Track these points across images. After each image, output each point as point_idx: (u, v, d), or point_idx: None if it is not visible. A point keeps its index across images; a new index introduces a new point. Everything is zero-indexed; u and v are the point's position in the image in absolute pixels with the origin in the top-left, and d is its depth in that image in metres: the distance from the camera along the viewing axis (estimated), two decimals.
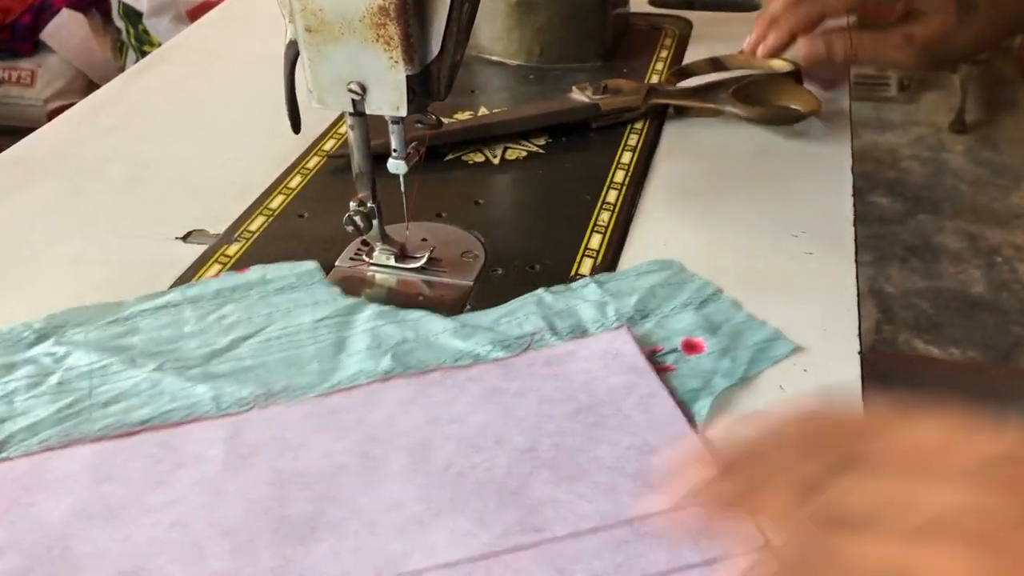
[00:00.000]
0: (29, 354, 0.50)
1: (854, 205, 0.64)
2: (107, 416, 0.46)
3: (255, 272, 0.56)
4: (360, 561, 0.37)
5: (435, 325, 0.51)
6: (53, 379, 0.48)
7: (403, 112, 0.51)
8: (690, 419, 0.44)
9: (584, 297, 0.53)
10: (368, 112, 0.52)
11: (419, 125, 0.54)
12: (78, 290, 0.55)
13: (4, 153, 0.71)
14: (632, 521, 0.38)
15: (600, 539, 0.38)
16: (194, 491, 0.41)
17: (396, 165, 0.53)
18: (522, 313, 0.52)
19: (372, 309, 0.52)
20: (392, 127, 0.53)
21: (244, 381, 0.48)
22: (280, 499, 0.40)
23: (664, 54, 0.85)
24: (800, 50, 0.69)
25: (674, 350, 0.49)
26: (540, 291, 0.53)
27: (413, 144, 0.54)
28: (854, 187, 0.66)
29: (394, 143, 0.53)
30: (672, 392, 0.46)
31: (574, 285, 0.54)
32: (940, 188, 1.91)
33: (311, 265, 0.56)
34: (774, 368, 0.49)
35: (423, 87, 0.51)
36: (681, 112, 0.73)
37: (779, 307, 0.52)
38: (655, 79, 0.80)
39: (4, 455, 0.44)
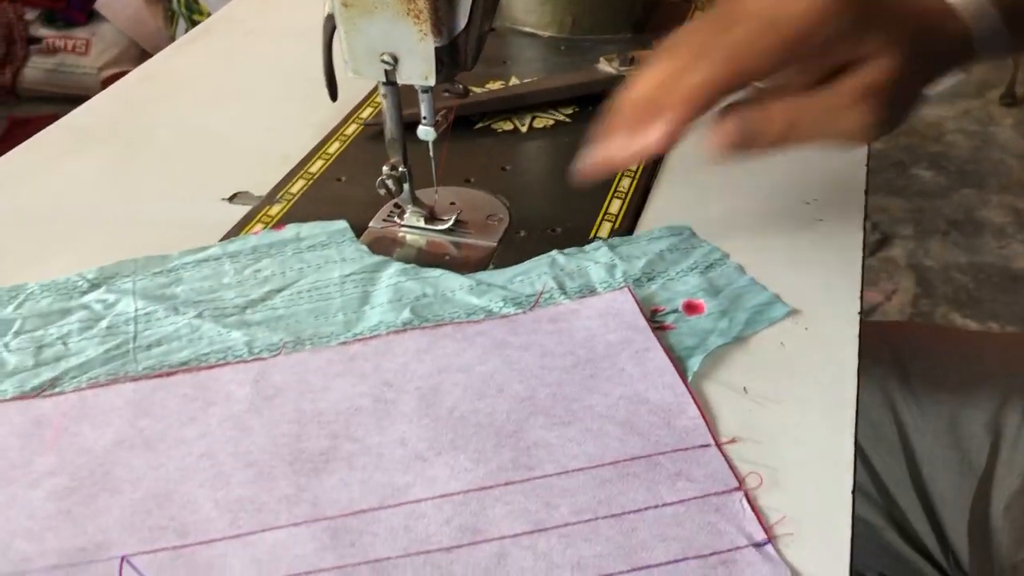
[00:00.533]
0: (82, 301, 0.54)
1: (868, 175, 0.65)
2: (150, 357, 0.50)
3: (290, 230, 0.60)
4: (367, 491, 0.41)
5: (453, 282, 0.54)
6: (103, 323, 0.53)
7: (431, 81, 0.54)
8: (682, 373, 0.47)
9: (595, 259, 0.56)
10: (399, 81, 0.55)
11: (446, 94, 0.57)
12: (130, 246, 0.59)
13: (62, 120, 0.76)
14: (616, 463, 0.42)
15: (585, 477, 0.41)
16: (222, 427, 0.45)
17: (425, 132, 0.57)
18: (535, 273, 0.55)
19: (396, 266, 0.56)
20: (421, 96, 0.56)
21: (275, 329, 0.52)
22: (299, 435, 0.44)
23: None
24: (711, 139, 0.46)
25: (675, 310, 0.52)
26: (554, 252, 0.56)
27: (442, 112, 0.57)
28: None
29: (423, 111, 0.56)
30: (668, 349, 0.49)
31: (587, 248, 0.57)
32: (986, 162, 1.89)
33: (341, 224, 0.60)
34: (776, 327, 0.51)
35: (451, 58, 0.54)
36: None
37: (786, 269, 0.55)
38: None
39: (58, 390, 0.48)
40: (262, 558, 0.38)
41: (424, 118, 0.57)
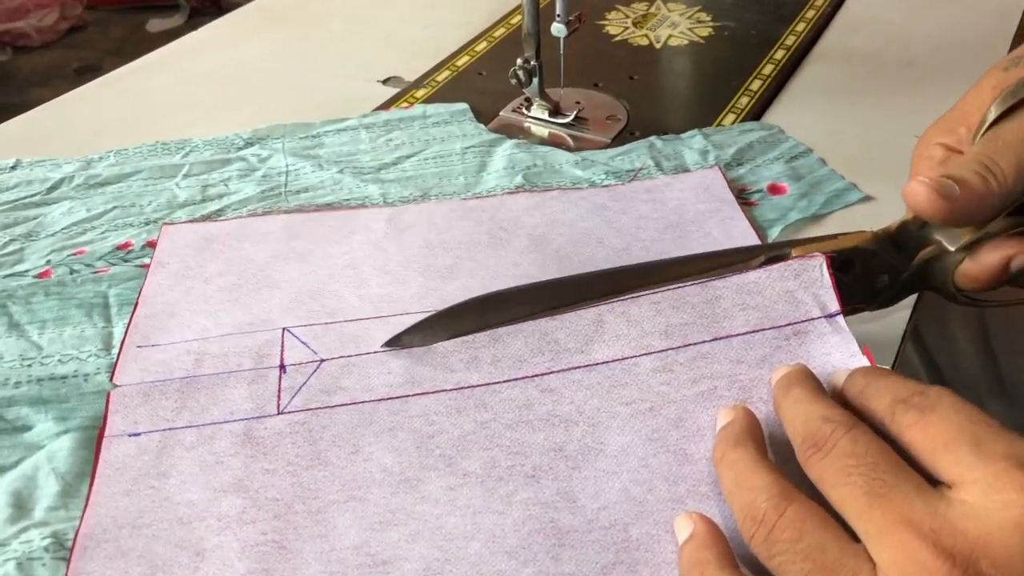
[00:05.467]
0: (240, 154, 0.63)
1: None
2: (299, 199, 0.58)
3: (417, 109, 0.67)
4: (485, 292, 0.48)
5: (560, 157, 0.61)
6: (258, 173, 0.61)
7: None
8: (763, 237, 0.53)
9: (690, 145, 0.62)
10: None
11: None
12: (296, 112, 0.68)
13: (252, 2, 0.90)
14: (696, 284, 0.47)
15: (664, 295, 0.46)
16: (363, 248, 0.53)
17: (558, 29, 0.64)
18: (635, 153, 0.62)
19: (510, 142, 0.63)
20: None
21: (406, 186, 0.59)
22: (427, 256, 0.52)
23: None
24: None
25: (760, 191, 0.58)
26: (652, 137, 0.63)
27: (576, 13, 0.64)
28: None
29: (558, 8, 0.63)
30: (751, 220, 0.55)
31: (683, 135, 0.63)
32: None
33: (462, 106, 0.67)
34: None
35: None
36: None
37: (877, 188, 0.59)
38: None
39: (223, 217, 0.57)
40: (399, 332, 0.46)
41: (558, 15, 0.63)
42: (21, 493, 0.40)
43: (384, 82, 0.74)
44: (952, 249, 0.43)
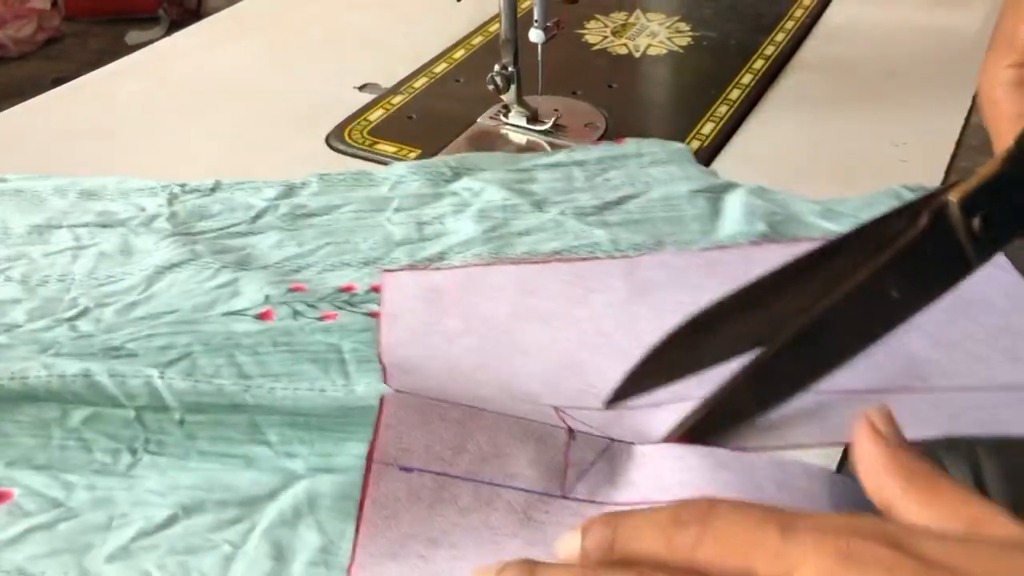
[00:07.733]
0: (450, 188, 0.59)
1: (966, 127, 0.67)
2: (524, 244, 0.54)
3: (630, 145, 0.63)
4: None
5: (802, 207, 0.56)
6: (472, 208, 0.57)
7: None
8: None
9: None
10: None
11: None
12: (272, 117, 0.68)
13: (229, 10, 0.88)
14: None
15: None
16: (608, 311, 0.49)
17: (536, 34, 0.63)
18: (880, 206, 0.56)
19: (744, 187, 0.58)
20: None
21: (635, 231, 0.55)
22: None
23: None
24: None
25: None
26: (897, 186, 0.58)
27: (554, 20, 0.63)
28: None
29: (536, 14, 0.62)
30: None
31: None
32: None
33: (680, 145, 0.62)
34: None
35: None
36: None
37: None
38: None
39: (447, 262, 0.53)
40: None
41: (536, 21, 0.62)
42: (281, 543, 0.37)
43: (360, 88, 0.72)
44: None
